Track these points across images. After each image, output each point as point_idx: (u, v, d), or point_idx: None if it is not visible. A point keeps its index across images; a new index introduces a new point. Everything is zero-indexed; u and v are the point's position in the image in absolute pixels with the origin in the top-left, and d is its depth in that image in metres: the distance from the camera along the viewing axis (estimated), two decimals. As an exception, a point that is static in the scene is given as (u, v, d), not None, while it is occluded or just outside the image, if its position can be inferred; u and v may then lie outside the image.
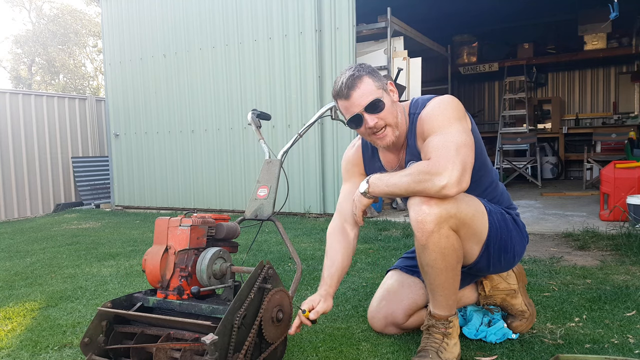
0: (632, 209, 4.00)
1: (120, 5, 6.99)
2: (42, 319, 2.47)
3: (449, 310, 1.76)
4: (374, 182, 1.69)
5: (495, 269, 1.90)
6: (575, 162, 8.74)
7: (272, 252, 3.81)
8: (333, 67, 5.42)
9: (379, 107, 1.70)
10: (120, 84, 7.06)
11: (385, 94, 1.73)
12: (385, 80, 1.77)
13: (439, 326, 1.75)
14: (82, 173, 8.42)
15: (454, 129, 1.62)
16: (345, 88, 1.70)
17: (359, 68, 1.73)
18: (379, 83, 1.73)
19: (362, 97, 1.69)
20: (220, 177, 6.34)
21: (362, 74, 1.71)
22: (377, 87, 1.72)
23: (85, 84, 24.53)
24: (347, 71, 1.74)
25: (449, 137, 1.60)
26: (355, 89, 1.69)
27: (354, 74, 1.71)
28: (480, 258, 1.78)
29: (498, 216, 1.80)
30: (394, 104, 1.76)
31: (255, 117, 2.36)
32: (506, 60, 8.56)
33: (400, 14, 5.90)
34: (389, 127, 1.74)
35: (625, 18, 6.67)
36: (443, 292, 1.71)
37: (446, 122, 1.65)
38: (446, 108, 1.69)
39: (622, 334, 1.98)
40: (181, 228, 1.76)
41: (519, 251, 1.90)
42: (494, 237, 1.77)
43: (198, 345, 1.53)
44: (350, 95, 1.70)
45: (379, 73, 1.79)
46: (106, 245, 4.44)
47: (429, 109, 1.72)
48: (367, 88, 1.70)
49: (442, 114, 1.68)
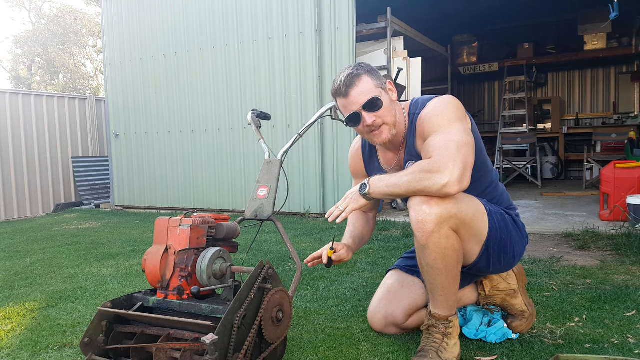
0: (632, 209, 4.00)
1: (120, 5, 6.99)
2: (42, 319, 2.47)
3: (449, 310, 1.76)
4: (374, 184, 1.68)
5: (495, 269, 1.90)
6: (575, 162, 8.74)
7: (272, 252, 3.81)
8: (333, 67, 5.42)
9: (377, 106, 1.71)
10: (120, 84, 7.06)
11: (384, 92, 1.75)
12: (385, 80, 1.78)
13: (439, 326, 1.75)
14: (82, 173, 8.42)
15: (454, 128, 1.63)
16: (343, 86, 1.72)
17: (358, 67, 1.75)
18: (378, 82, 1.74)
19: (360, 96, 1.71)
20: (220, 177, 6.34)
21: (361, 72, 1.72)
22: (376, 86, 1.73)
23: (85, 84, 24.53)
24: (346, 70, 1.75)
25: (450, 137, 1.60)
26: (354, 87, 1.71)
27: (353, 73, 1.72)
28: (480, 258, 1.79)
29: (498, 217, 1.80)
30: (392, 103, 1.78)
31: (255, 117, 2.36)
32: (506, 60, 8.56)
33: (400, 14, 5.90)
34: (386, 126, 1.75)
35: (625, 18, 6.68)
36: (443, 292, 1.72)
37: (447, 122, 1.65)
38: (447, 108, 1.70)
39: (622, 334, 1.98)
40: (181, 228, 1.77)
41: (519, 251, 1.90)
42: (494, 238, 1.77)
43: (198, 345, 1.53)
44: (349, 93, 1.71)
45: (378, 72, 1.80)
46: (106, 245, 4.44)
47: (430, 109, 1.73)
48: (366, 87, 1.71)
49: (442, 113, 1.68)
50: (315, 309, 2.43)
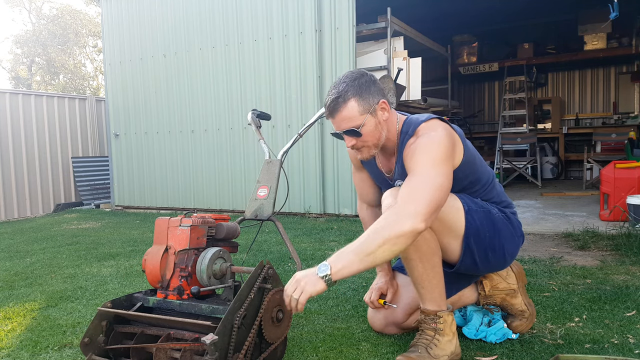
0: (632, 209, 4.00)
1: (120, 5, 6.99)
2: (42, 319, 2.47)
3: (436, 305, 1.79)
4: (337, 266, 1.48)
5: (486, 267, 1.90)
6: (575, 162, 8.73)
7: (272, 252, 3.81)
8: (333, 67, 5.42)
9: (357, 134, 1.69)
10: (120, 84, 7.06)
11: (370, 116, 1.68)
12: (377, 99, 1.70)
13: (429, 322, 1.79)
14: (82, 173, 8.41)
15: (433, 172, 1.57)
16: (327, 109, 1.71)
17: (347, 88, 1.67)
18: (366, 105, 1.67)
19: (342, 122, 1.69)
20: (220, 177, 6.34)
21: (348, 97, 1.66)
22: (361, 112, 1.67)
23: (85, 84, 24.51)
24: (335, 89, 1.69)
25: (426, 181, 1.56)
26: (338, 113, 1.68)
27: (339, 97, 1.67)
28: (464, 255, 1.80)
29: (480, 214, 1.80)
30: (380, 125, 1.72)
31: (255, 117, 2.37)
32: (506, 60, 8.56)
33: (400, 14, 5.89)
34: (366, 147, 1.74)
35: (625, 18, 6.67)
36: (423, 284, 1.76)
37: (427, 164, 1.59)
38: (431, 149, 1.62)
39: (622, 334, 1.98)
40: (181, 228, 1.77)
41: (511, 250, 1.89)
42: (474, 235, 1.78)
43: (198, 345, 1.53)
44: (333, 117, 1.71)
45: (373, 87, 1.70)
46: (106, 245, 4.44)
47: (417, 145, 1.65)
48: (349, 114, 1.67)
49: (427, 153, 1.61)
50: (315, 309, 2.43)
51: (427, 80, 7.40)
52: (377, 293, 2.05)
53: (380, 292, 2.05)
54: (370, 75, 1.73)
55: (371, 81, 1.71)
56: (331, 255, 1.53)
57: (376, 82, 1.73)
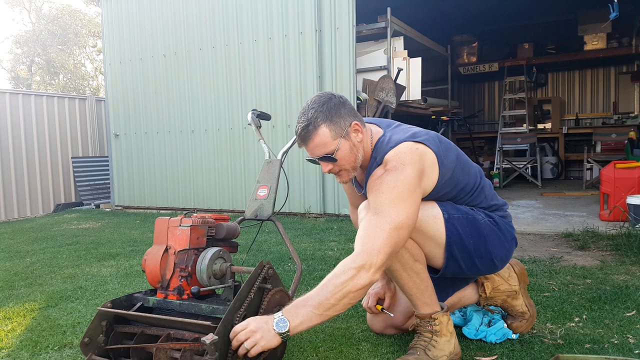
0: (632, 209, 4.00)
1: (120, 5, 6.99)
2: (42, 319, 2.47)
3: (429, 307, 1.78)
4: (294, 320, 1.49)
5: (474, 272, 1.88)
6: (575, 162, 8.73)
7: (272, 252, 3.81)
8: (333, 67, 5.42)
9: (332, 159, 1.66)
10: (120, 84, 7.06)
11: (344, 140, 1.64)
12: (348, 121, 1.65)
13: (425, 324, 1.79)
14: (82, 173, 8.41)
15: (394, 212, 1.54)
16: (299, 138, 1.67)
17: (317, 115, 1.62)
18: (337, 130, 1.63)
19: (315, 149, 1.66)
20: (220, 177, 6.34)
21: (318, 123, 1.61)
22: (334, 137, 1.63)
23: (85, 84, 24.52)
24: (304, 116, 1.64)
25: (383, 224, 1.54)
26: (309, 141, 1.64)
27: (309, 125, 1.62)
28: (448, 262, 1.77)
29: (462, 222, 1.76)
30: (354, 148, 1.67)
31: (255, 117, 2.37)
32: (506, 60, 8.56)
33: (400, 14, 5.90)
34: (344, 171, 1.71)
35: (625, 18, 6.68)
36: (411, 291, 1.76)
37: (387, 203, 1.55)
38: (393, 187, 1.56)
39: (622, 334, 1.98)
40: (181, 228, 1.77)
41: (499, 255, 1.83)
42: (457, 242, 1.75)
43: (198, 345, 1.53)
44: (306, 145, 1.67)
45: (343, 109, 1.65)
46: (106, 246, 4.44)
47: (381, 182, 1.60)
48: (321, 141, 1.63)
49: (387, 193, 1.56)
50: (315, 309, 2.42)
51: (427, 80, 7.40)
52: (374, 299, 2.04)
53: (377, 297, 2.05)
54: (339, 96, 1.68)
55: (340, 103, 1.66)
56: (296, 300, 1.54)
57: (346, 104, 1.67)
